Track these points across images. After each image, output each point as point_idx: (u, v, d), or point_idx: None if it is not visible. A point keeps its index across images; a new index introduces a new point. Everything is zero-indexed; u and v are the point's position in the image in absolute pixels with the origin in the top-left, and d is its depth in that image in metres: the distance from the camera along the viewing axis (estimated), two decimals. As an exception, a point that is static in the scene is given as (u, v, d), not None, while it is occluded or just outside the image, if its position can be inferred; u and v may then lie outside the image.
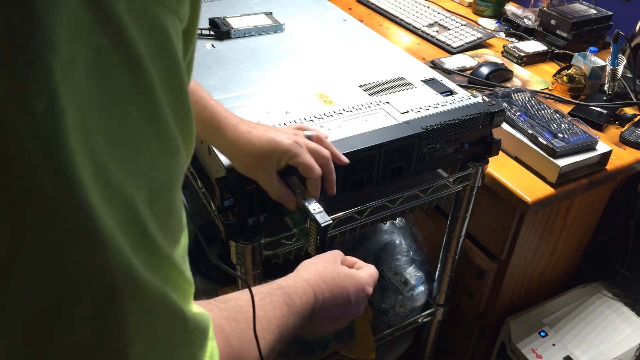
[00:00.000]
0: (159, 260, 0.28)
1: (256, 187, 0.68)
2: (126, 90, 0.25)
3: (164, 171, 0.28)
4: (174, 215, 0.30)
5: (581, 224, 1.18)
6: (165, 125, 0.28)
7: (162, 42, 0.26)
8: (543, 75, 1.33)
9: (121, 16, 0.24)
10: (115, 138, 0.25)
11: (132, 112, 0.25)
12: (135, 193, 0.26)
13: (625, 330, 1.19)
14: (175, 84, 0.28)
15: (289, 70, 0.96)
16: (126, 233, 0.26)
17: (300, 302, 0.53)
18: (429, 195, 0.89)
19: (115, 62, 0.24)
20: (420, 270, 1.16)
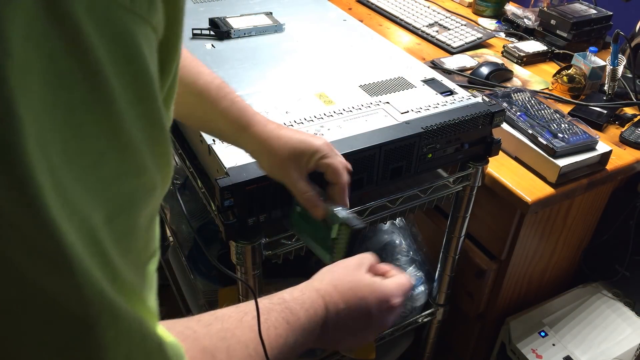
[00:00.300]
0: (122, 287, 0.26)
1: (256, 187, 0.68)
2: (82, 99, 0.23)
3: (126, 190, 0.26)
4: (136, 239, 0.28)
5: (581, 224, 1.18)
6: (128, 140, 0.25)
7: (128, 51, 0.24)
8: (543, 75, 1.33)
9: (79, 19, 0.22)
10: (71, 151, 0.23)
11: (89, 124, 0.23)
12: (92, 212, 0.24)
13: (625, 330, 1.19)
14: (144, 97, 0.26)
15: (289, 70, 0.95)
16: (90, 255, 0.23)
17: (307, 315, 0.48)
18: (429, 195, 0.89)
19: (71, 68, 0.22)
20: (420, 270, 1.16)
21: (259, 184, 0.68)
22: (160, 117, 0.27)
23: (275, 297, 0.49)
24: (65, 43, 0.22)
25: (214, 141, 0.76)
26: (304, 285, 0.51)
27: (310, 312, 0.49)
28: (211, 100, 0.64)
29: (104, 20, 0.23)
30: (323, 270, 0.55)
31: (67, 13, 0.21)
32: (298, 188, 0.63)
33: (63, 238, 0.22)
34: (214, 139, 0.76)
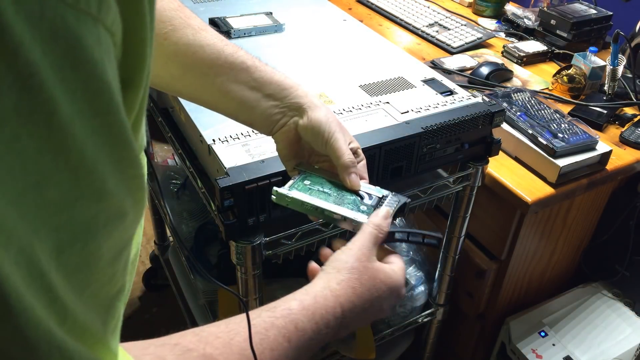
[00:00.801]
0: (73, 328, 0.23)
1: (256, 186, 0.68)
2: (14, 107, 0.19)
3: (82, 217, 0.23)
4: (95, 272, 0.24)
5: (581, 224, 1.18)
6: (80, 158, 0.22)
7: (73, 53, 0.21)
8: (543, 75, 1.33)
9: (4, 15, 0.18)
10: (4, 169, 0.19)
11: (25, 137, 0.20)
12: (34, 241, 0.20)
13: (625, 330, 1.19)
14: (101, 109, 0.22)
15: (289, 70, 0.95)
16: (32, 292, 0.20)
17: (315, 328, 0.44)
18: (429, 195, 0.89)
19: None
20: (420, 270, 1.16)
21: (259, 184, 0.68)
22: (124, 133, 0.24)
23: (280, 308, 0.44)
24: None
25: (214, 141, 0.76)
26: (320, 289, 0.47)
27: (320, 325, 0.45)
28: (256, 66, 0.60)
29: (37, 16, 0.19)
30: (341, 266, 0.49)
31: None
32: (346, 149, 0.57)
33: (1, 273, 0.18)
34: (214, 139, 0.76)
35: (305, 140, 0.59)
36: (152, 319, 1.67)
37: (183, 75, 0.59)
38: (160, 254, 1.63)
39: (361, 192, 0.59)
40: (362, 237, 0.52)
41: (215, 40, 0.60)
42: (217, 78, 0.58)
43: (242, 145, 0.75)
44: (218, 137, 0.77)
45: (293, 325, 0.43)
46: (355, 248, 0.51)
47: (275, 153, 0.73)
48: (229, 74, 0.58)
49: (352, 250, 0.50)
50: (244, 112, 0.59)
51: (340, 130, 0.58)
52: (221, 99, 0.59)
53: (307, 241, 0.78)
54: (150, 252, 1.79)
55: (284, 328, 0.42)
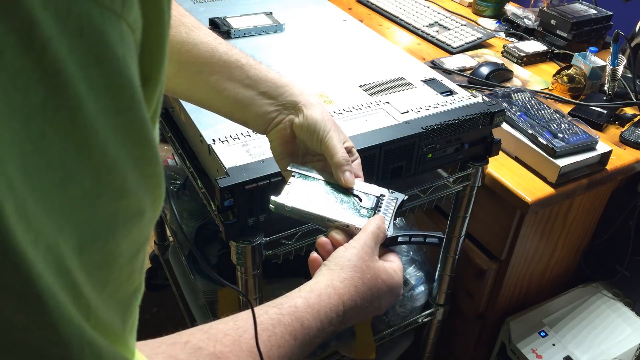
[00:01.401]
0: (96, 324, 0.23)
1: (256, 186, 0.68)
2: (41, 104, 0.19)
3: (102, 215, 0.23)
4: (114, 271, 0.24)
5: (581, 224, 1.18)
6: (103, 156, 0.22)
7: (97, 50, 0.21)
8: (543, 75, 1.33)
9: (33, 10, 0.18)
10: (32, 167, 0.19)
11: (51, 135, 0.20)
12: (59, 238, 0.20)
13: (625, 330, 1.19)
14: (123, 106, 0.22)
15: (289, 70, 0.95)
16: (59, 288, 0.20)
17: (319, 326, 0.45)
18: (429, 195, 0.89)
19: (25, 67, 0.19)
20: (420, 270, 1.16)
21: (259, 184, 0.68)
22: (145, 130, 0.24)
23: (286, 305, 0.44)
24: (17, 38, 0.18)
25: (214, 141, 0.76)
26: (324, 287, 0.47)
27: (324, 322, 0.45)
28: (250, 64, 0.60)
29: (65, 12, 0.19)
30: (344, 264, 0.50)
31: (19, 5, 0.18)
32: (340, 147, 0.56)
33: (31, 269, 0.18)
34: (214, 139, 0.76)
35: (300, 139, 0.58)
36: (152, 319, 1.67)
37: (177, 73, 0.58)
38: (160, 254, 1.63)
39: (358, 192, 0.58)
40: (365, 236, 0.52)
41: (209, 39, 0.59)
42: (211, 76, 0.58)
43: (242, 145, 0.75)
44: (218, 137, 0.77)
45: (299, 323, 0.43)
46: (359, 246, 0.51)
47: (275, 153, 0.73)
48: (223, 71, 0.58)
49: (355, 248, 0.51)
50: (239, 110, 0.59)
51: (335, 129, 0.57)
52: (215, 97, 0.59)
53: (307, 241, 0.78)
54: (150, 252, 1.79)
55: (290, 325, 0.43)
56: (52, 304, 0.20)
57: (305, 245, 0.79)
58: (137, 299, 0.27)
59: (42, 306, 0.19)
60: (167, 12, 0.25)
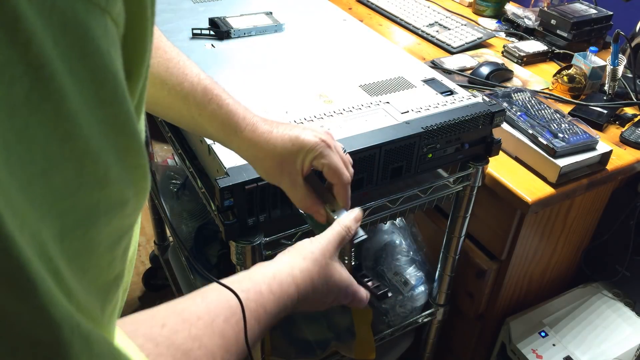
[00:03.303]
0: (77, 310, 0.23)
1: (256, 186, 0.68)
2: (25, 97, 0.20)
3: (84, 204, 0.23)
4: (92, 258, 0.25)
5: (581, 224, 1.18)
6: (86, 147, 0.22)
7: (81, 44, 0.21)
8: (543, 75, 1.33)
9: (18, 5, 0.19)
10: (16, 157, 0.20)
11: (35, 126, 0.20)
12: (41, 226, 0.21)
13: (625, 330, 1.19)
14: (107, 99, 0.23)
15: (289, 70, 0.95)
16: (46, 274, 0.21)
17: (277, 310, 0.48)
18: (429, 195, 0.89)
19: (10, 60, 0.19)
20: (420, 270, 1.16)
21: (258, 184, 0.68)
22: (130, 123, 0.24)
23: (252, 292, 0.47)
24: (3, 32, 0.19)
25: (214, 141, 0.76)
26: (285, 276, 0.50)
27: (281, 309, 0.49)
28: (197, 105, 0.61)
29: (49, 7, 0.20)
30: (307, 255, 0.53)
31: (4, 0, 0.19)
32: (295, 196, 0.60)
33: (21, 254, 0.19)
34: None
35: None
36: (152, 319, 1.67)
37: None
38: (160, 254, 1.63)
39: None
40: (331, 234, 0.55)
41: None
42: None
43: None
44: (218, 137, 0.76)
45: (263, 309, 0.46)
46: (324, 242, 0.54)
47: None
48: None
49: (320, 243, 0.54)
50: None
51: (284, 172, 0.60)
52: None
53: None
54: (150, 252, 1.79)
55: (255, 311, 0.46)
56: (42, 288, 0.20)
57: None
58: (118, 286, 0.28)
59: (34, 290, 0.20)
60: (150, 8, 0.26)
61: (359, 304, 0.58)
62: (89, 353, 0.22)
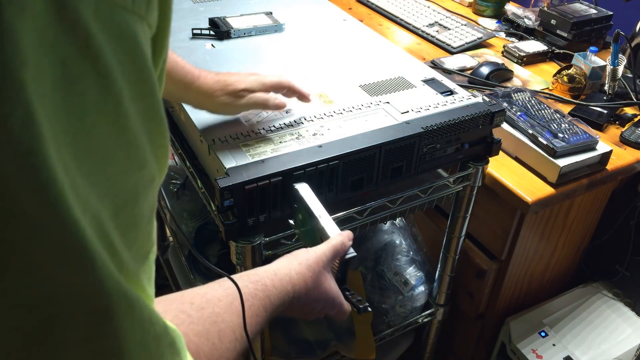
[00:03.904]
0: (127, 277, 0.27)
1: (256, 186, 0.68)
2: (94, 101, 0.24)
3: (130, 184, 0.27)
4: (139, 230, 0.29)
5: (581, 224, 1.18)
6: (132, 136, 0.26)
7: (131, 50, 0.25)
8: (543, 75, 1.33)
9: (88, 24, 0.23)
10: (82, 151, 0.23)
11: (100, 124, 0.24)
12: (101, 207, 0.25)
13: (625, 330, 1.19)
14: (146, 93, 0.27)
15: (289, 70, 0.95)
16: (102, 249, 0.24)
17: (279, 304, 0.54)
18: (429, 195, 0.89)
19: (83, 72, 0.23)
20: (420, 270, 1.16)
21: (258, 184, 0.68)
22: (160, 111, 0.29)
23: (260, 283, 0.52)
24: (77, 48, 0.22)
25: (214, 141, 0.76)
26: (283, 274, 0.55)
27: (280, 301, 0.54)
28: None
29: (109, 23, 0.24)
30: (302, 261, 0.58)
31: (77, 19, 0.22)
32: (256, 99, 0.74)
33: (84, 236, 0.23)
34: (213, 139, 0.76)
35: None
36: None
37: None
38: (160, 254, 1.63)
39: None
40: (326, 246, 0.61)
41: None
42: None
43: (242, 145, 0.75)
44: (218, 137, 0.76)
45: (268, 300, 0.52)
46: (319, 252, 0.60)
47: (275, 153, 0.73)
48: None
49: (316, 253, 0.59)
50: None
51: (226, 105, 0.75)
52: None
53: (307, 241, 0.78)
54: (150, 252, 1.79)
55: (262, 300, 0.51)
56: (99, 263, 0.24)
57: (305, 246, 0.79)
58: (153, 254, 0.32)
59: (92, 265, 0.23)
60: (171, 11, 0.31)
61: (342, 316, 0.63)
62: (132, 317, 0.26)
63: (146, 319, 0.28)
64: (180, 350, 0.33)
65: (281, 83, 0.77)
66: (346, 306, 0.62)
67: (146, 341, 0.28)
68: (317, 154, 0.73)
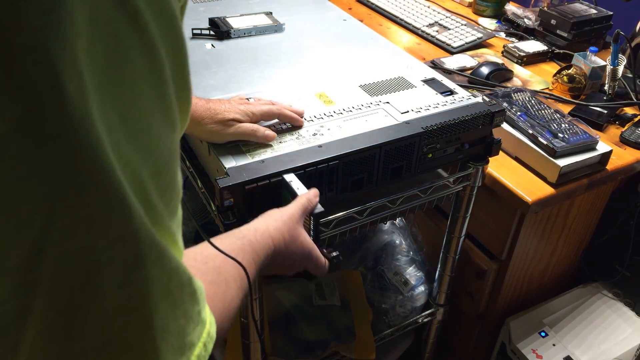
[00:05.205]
0: (161, 230, 0.30)
1: (256, 187, 0.68)
2: (141, 71, 0.26)
3: (167, 146, 0.30)
4: (174, 187, 0.32)
5: (581, 224, 1.18)
6: (169, 101, 0.29)
7: (170, 23, 0.28)
8: (543, 75, 1.33)
9: (138, 3, 0.25)
10: (130, 117, 0.26)
11: (146, 92, 0.27)
12: (142, 167, 0.28)
13: (625, 330, 1.19)
14: (180, 62, 0.30)
15: (289, 70, 0.95)
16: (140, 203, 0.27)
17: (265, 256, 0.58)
18: (429, 195, 0.89)
19: (133, 44, 0.26)
20: (420, 270, 1.16)
21: (258, 184, 0.68)
22: (189, 78, 0.32)
23: (246, 239, 0.56)
24: (128, 22, 0.25)
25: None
26: (263, 230, 0.59)
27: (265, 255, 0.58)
28: None
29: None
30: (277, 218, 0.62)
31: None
32: (244, 130, 0.73)
33: (125, 191, 0.26)
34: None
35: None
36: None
37: None
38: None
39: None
40: (295, 204, 0.65)
41: None
42: None
43: (242, 146, 0.75)
44: (218, 137, 0.76)
45: (255, 253, 0.56)
46: (290, 209, 0.64)
47: (275, 153, 0.73)
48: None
49: (287, 210, 0.63)
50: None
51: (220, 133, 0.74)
52: None
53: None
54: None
55: (251, 253, 0.55)
56: (136, 216, 0.27)
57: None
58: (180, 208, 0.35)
59: (131, 217, 0.26)
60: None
61: (320, 270, 0.66)
62: (160, 265, 0.29)
63: (173, 269, 0.31)
64: (199, 301, 0.35)
65: (271, 112, 0.77)
66: (323, 260, 0.65)
67: (170, 289, 0.31)
68: (317, 154, 0.73)
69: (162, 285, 0.30)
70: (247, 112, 0.75)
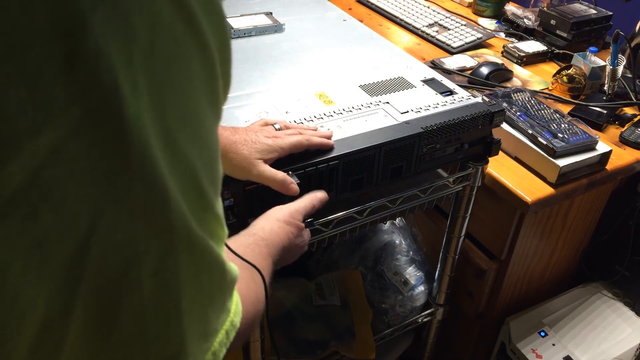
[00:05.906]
0: (210, 216, 0.32)
1: (256, 187, 0.68)
2: (197, 71, 0.28)
3: (215, 137, 0.32)
4: (220, 173, 0.34)
5: (581, 224, 1.18)
6: (217, 96, 0.31)
7: (218, 22, 0.29)
8: (543, 75, 1.33)
9: (192, 5, 0.27)
10: (188, 114, 0.28)
11: (200, 88, 0.29)
12: (197, 161, 0.29)
13: (625, 330, 1.19)
14: (226, 57, 0.31)
15: (289, 70, 0.96)
16: (188, 195, 0.29)
17: (275, 252, 0.60)
18: (429, 195, 0.89)
19: (190, 46, 0.27)
20: (420, 270, 1.16)
21: (258, 184, 0.68)
22: (231, 71, 0.33)
23: (257, 236, 0.60)
24: (184, 24, 0.26)
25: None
26: (269, 230, 0.62)
27: (277, 251, 0.60)
28: None
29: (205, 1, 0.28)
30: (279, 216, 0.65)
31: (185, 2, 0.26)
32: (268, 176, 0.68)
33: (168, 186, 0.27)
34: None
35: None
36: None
37: None
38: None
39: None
40: (299, 203, 0.68)
41: None
42: None
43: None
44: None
45: (267, 249, 0.58)
46: (293, 208, 0.66)
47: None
48: None
49: (289, 208, 0.66)
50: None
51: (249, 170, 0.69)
52: None
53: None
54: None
55: (263, 247, 0.58)
56: (175, 208, 0.28)
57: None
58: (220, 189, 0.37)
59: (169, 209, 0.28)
60: None
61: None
62: (190, 252, 0.30)
63: (204, 258, 0.32)
64: (227, 290, 0.37)
65: (300, 144, 0.71)
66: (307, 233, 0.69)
67: (200, 277, 0.32)
68: (317, 154, 0.73)
69: (192, 274, 0.31)
70: (276, 148, 0.68)
